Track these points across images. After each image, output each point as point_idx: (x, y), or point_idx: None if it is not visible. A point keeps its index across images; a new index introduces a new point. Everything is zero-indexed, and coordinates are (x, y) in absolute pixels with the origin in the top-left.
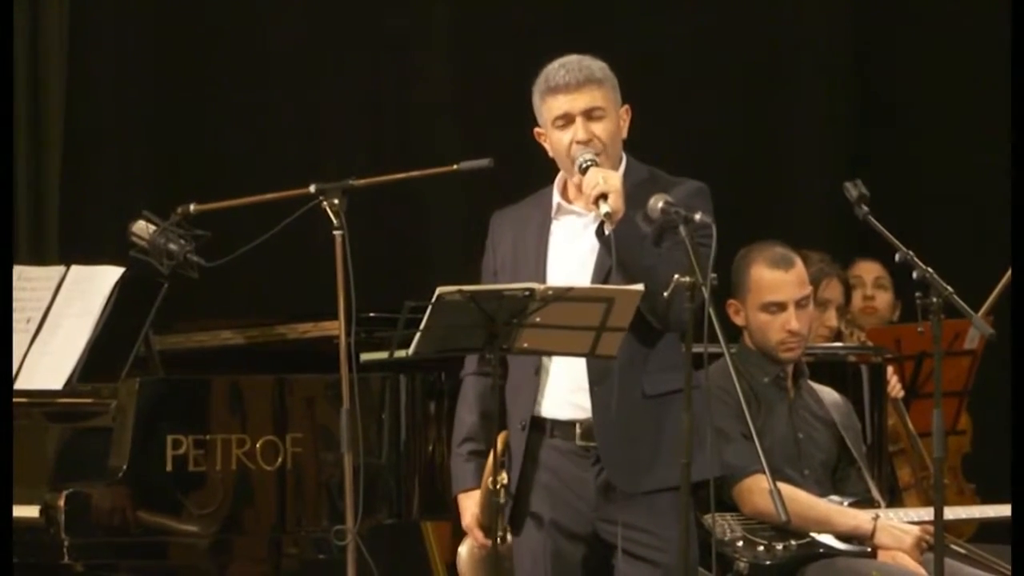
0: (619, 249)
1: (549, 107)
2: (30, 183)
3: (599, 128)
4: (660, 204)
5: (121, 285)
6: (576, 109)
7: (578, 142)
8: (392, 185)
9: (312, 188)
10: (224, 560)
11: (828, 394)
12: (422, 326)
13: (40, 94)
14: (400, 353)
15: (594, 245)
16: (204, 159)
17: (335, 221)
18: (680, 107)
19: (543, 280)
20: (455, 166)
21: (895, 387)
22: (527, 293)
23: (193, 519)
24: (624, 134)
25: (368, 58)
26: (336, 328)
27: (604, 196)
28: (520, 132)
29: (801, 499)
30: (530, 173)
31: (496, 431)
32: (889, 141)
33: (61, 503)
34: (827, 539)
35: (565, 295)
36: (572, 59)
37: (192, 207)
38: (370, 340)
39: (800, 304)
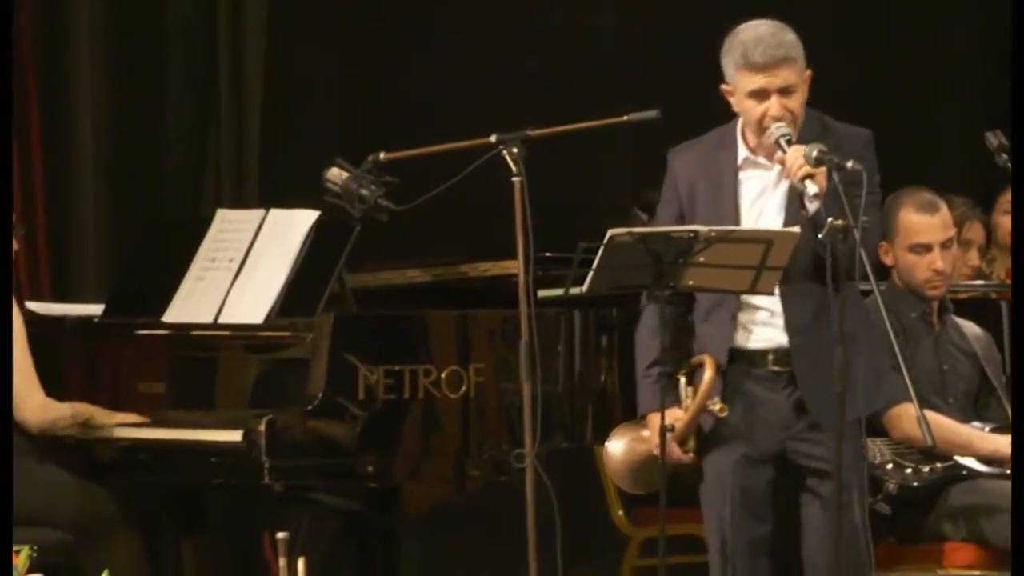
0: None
1: (744, 81)
2: (231, 133)
3: (792, 103)
4: (815, 153)
5: (316, 227)
6: (773, 87)
7: (772, 116)
8: (566, 136)
9: (493, 138)
10: (412, 481)
11: (970, 328)
12: (595, 265)
13: (242, 47)
14: (575, 290)
15: (783, 199)
16: (394, 110)
17: (514, 168)
18: (824, 58)
19: None
20: (625, 117)
21: None
22: (692, 235)
23: (383, 443)
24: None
25: (544, 12)
26: (515, 267)
27: (810, 175)
28: (689, 81)
29: (945, 425)
30: (697, 122)
31: (682, 357)
32: None
33: (262, 428)
34: (969, 462)
35: (727, 236)
36: (767, 32)
37: (382, 155)
38: (546, 278)
39: (945, 245)
